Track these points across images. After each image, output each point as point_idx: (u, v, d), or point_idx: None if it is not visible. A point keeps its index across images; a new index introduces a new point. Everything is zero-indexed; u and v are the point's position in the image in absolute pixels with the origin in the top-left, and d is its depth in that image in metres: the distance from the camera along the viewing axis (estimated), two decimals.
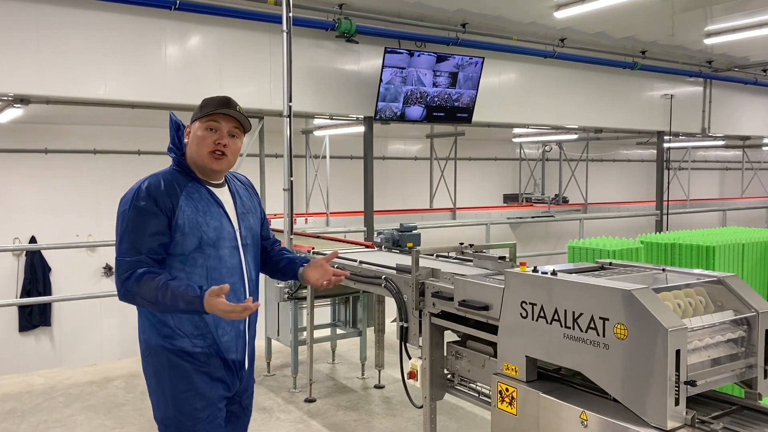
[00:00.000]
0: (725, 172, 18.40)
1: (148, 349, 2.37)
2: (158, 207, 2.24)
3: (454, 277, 3.26)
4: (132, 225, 2.24)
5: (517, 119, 9.31)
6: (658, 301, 2.40)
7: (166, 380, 2.32)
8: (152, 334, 2.34)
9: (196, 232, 2.29)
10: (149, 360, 2.37)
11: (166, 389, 2.33)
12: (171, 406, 2.32)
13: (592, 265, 3.17)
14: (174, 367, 2.31)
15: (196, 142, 2.33)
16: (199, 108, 2.38)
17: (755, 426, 2.39)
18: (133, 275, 2.19)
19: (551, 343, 2.66)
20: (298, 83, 6.75)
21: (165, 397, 2.33)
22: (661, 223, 10.76)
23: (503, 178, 14.37)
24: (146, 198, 2.25)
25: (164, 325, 2.31)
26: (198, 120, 2.35)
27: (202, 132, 2.33)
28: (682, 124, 10.82)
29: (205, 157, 2.33)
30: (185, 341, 2.31)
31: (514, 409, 2.83)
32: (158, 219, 2.24)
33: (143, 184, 2.31)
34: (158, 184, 2.30)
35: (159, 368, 2.33)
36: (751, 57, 10.73)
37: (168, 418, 2.34)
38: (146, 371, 2.41)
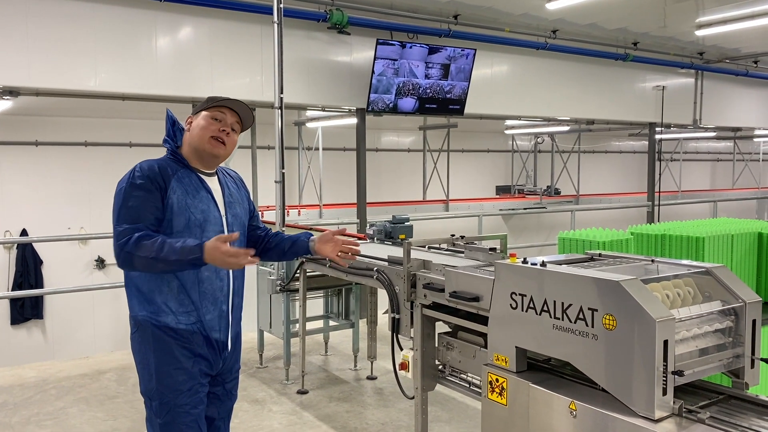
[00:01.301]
0: (716, 163, 18.49)
1: (136, 325, 2.47)
2: (153, 185, 2.38)
3: (445, 269, 3.28)
4: (129, 199, 2.36)
5: (509, 111, 9.32)
6: (646, 292, 2.42)
7: (150, 354, 2.43)
8: (139, 310, 2.45)
9: (185, 213, 2.41)
10: (136, 335, 2.48)
11: (150, 363, 2.43)
12: (154, 379, 2.43)
13: (581, 256, 3.19)
14: (158, 341, 2.41)
15: (200, 127, 2.48)
16: (205, 101, 2.55)
17: (742, 415, 2.41)
18: (131, 238, 2.30)
19: (541, 334, 2.68)
20: (289, 75, 6.73)
21: (149, 370, 2.44)
22: (653, 214, 10.82)
23: (496, 170, 14.40)
24: (141, 176, 2.39)
25: (150, 302, 2.42)
26: (205, 110, 2.51)
27: (206, 121, 2.49)
28: (673, 116, 10.86)
29: (206, 142, 2.47)
30: (170, 317, 2.42)
31: (504, 399, 2.85)
32: (153, 195, 2.37)
33: (136, 166, 2.46)
34: (152, 165, 2.44)
35: (144, 342, 2.44)
36: (743, 48, 10.77)
37: (151, 390, 2.45)
38: (133, 347, 2.51)
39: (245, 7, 6.72)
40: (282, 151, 4.92)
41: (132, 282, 2.48)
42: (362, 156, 7.82)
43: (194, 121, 2.52)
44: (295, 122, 10.52)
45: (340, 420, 4.35)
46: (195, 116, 2.53)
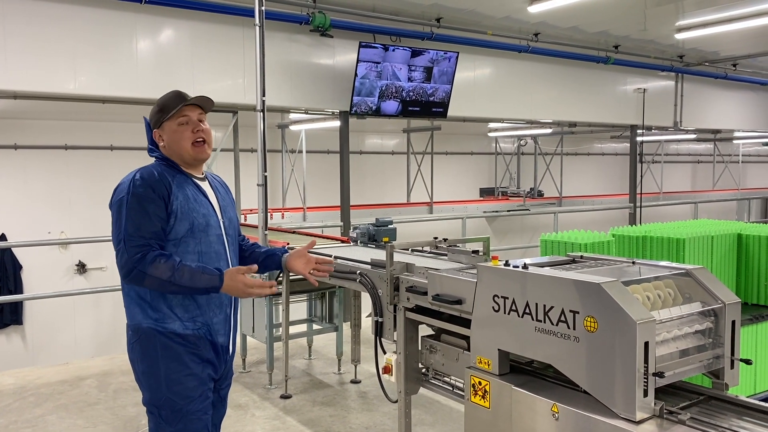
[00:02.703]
0: (697, 165, 18.70)
1: (138, 334, 2.40)
2: (155, 193, 2.34)
3: (428, 272, 3.27)
4: (134, 211, 2.31)
5: (492, 114, 9.36)
6: (627, 294, 2.43)
7: (158, 363, 2.38)
8: (143, 319, 2.39)
9: (188, 217, 2.39)
10: (139, 344, 2.41)
11: (158, 372, 2.38)
12: (164, 388, 2.38)
13: (563, 259, 3.20)
14: (166, 349, 2.37)
15: (176, 139, 2.44)
16: (159, 111, 2.46)
17: (722, 415, 2.43)
18: (147, 256, 2.27)
19: (523, 337, 2.68)
20: (272, 77, 6.70)
21: (157, 379, 2.38)
22: (635, 216, 10.92)
23: (479, 172, 14.44)
24: (143, 185, 2.34)
25: (156, 310, 2.37)
26: (166, 121, 2.45)
27: (176, 128, 2.44)
28: (654, 118, 10.97)
29: (190, 149, 2.45)
30: (176, 323, 2.39)
31: (487, 402, 2.84)
32: (156, 204, 2.33)
33: (136, 174, 2.39)
34: (151, 173, 2.39)
35: (150, 352, 2.38)
36: (721, 52, 10.91)
37: (160, 400, 2.39)
38: (134, 356, 2.44)
39: (227, 9, 6.68)
40: (265, 153, 4.89)
41: (133, 290, 2.42)
42: (346, 159, 7.80)
43: (162, 134, 2.47)
44: (279, 125, 10.48)
45: (323, 424, 4.33)
46: (160, 130, 2.47)
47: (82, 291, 7.78)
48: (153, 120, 2.49)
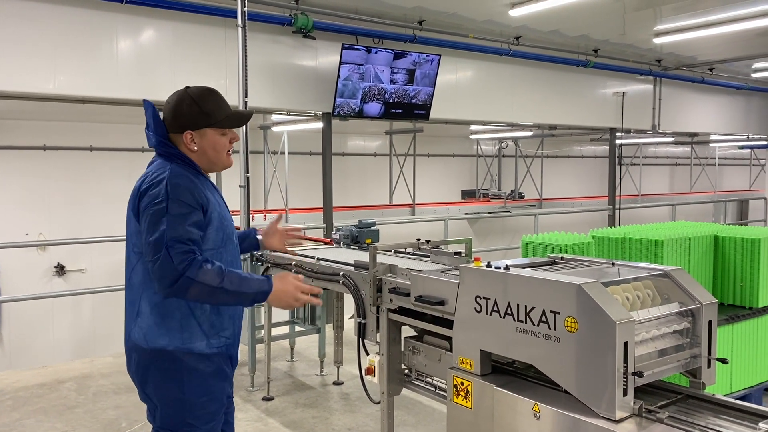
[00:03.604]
0: (675, 167, 18.97)
1: (158, 358, 2.25)
2: (195, 201, 2.23)
3: (411, 273, 3.29)
4: (176, 217, 2.17)
5: (473, 116, 9.42)
6: (606, 295, 2.47)
7: (181, 388, 2.26)
8: (167, 341, 2.24)
9: (222, 226, 2.33)
10: (158, 369, 2.26)
11: (180, 397, 2.26)
12: (185, 413, 2.28)
13: (544, 260, 3.24)
14: (190, 374, 2.26)
15: (216, 148, 2.37)
16: (203, 114, 2.33)
17: (699, 414, 2.48)
18: (193, 263, 2.12)
19: (504, 337, 2.70)
20: (254, 79, 6.68)
21: (178, 404, 2.27)
22: (614, 218, 11.04)
23: (461, 174, 14.51)
24: (184, 192, 2.21)
25: (184, 329, 2.24)
26: (211, 127, 2.35)
27: (219, 138, 2.36)
28: (633, 121, 11.10)
29: (224, 159, 2.42)
30: (203, 343, 2.28)
31: (469, 402, 2.87)
32: (196, 213, 2.23)
33: (169, 178, 2.23)
34: (187, 178, 2.27)
35: (172, 376, 2.26)
36: (698, 56, 11.08)
37: (178, 423, 2.29)
38: (147, 376, 2.29)
39: (209, 10, 6.65)
40: (247, 155, 4.88)
41: (155, 310, 2.24)
42: (328, 160, 7.80)
43: (197, 138, 2.34)
44: (261, 126, 10.44)
45: (306, 426, 4.32)
46: (196, 132, 2.33)
47: (61, 293, 7.69)
48: (189, 120, 2.33)
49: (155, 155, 2.39)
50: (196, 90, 2.36)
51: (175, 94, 2.38)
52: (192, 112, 2.32)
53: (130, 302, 2.30)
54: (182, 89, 2.38)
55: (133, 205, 2.26)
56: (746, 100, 13.43)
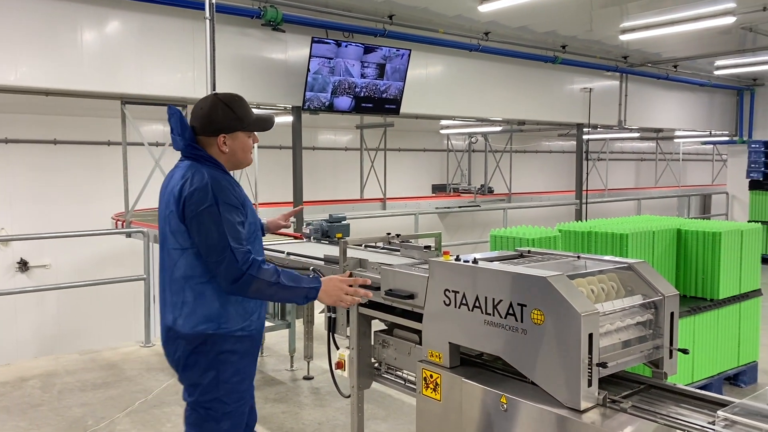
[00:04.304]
0: (640, 163, 19.33)
1: (200, 338, 2.41)
2: (238, 201, 2.42)
3: (381, 267, 3.30)
4: (228, 220, 2.34)
5: (443, 111, 9.46)
6: (572, 287, 2.51)
7: (216, 367, 2.43)
8: (207, 325, 2.41)
9: (253, 220, 2.51)
10: (196, 352, 2.42)
11: (215, 375, 2.43)
12: (219, 392, 2.44)
13: (511, 253, 3.28)
14: (227, 355, 2.44)
15: (244, 149, 2.55)
16: (237, 119, 2.49)
17: (661, 403, 2.54)
18: (254, 263, 2.33)
19: (473, 330, 2.73)
20: (223, 71, 6.61)
21: (214, 381, 2.43)
22: (581, 212, 11.21)
23: (432, 169, 14.58)
24: (228, 194, 2.39)
25: (220, 315, 2.42)
26: (242, 131, 2.52)
27: (246, 140, 2.54)
28: (600, 117, 11.28)
29: (249, 158, 2.60)
30: (239, 326, 2.46)
31: (438, 395, 2.89)
32: (241, 212, 2.41)
33: (212, 182, 2.37)
34: (226, 179, 2.43)
35: (212, 356, 2.42)
36: (663, 53, 11.29)
37: (212, 401, 2.45)
38: (187, 362, 2.44)
39: (176, 1, 6.54)
40: None
41: (198, 300, 2.40)
42: (298, 154, 7.77)
43: (229, 140, 2.49)
44: None
45: (275, 421, 4.31)
46: (230, 136, 2.48)
47: (24, 289, 7.52)
48: (224, 124, 2.47)
49: (181, 158, 2.51)
50: (226, 96, 2.53)
51: (206, 100, 2.52)
52: (227, 117, 2.47)
53: (175, 294, 2.44)
54: (211, 95, 2.54)
55: (177, 209, 2.39)
56: (709, 97, 13.75)
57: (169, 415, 4.42)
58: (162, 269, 2.51)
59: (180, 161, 2.51)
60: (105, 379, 5.17)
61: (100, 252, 9.17)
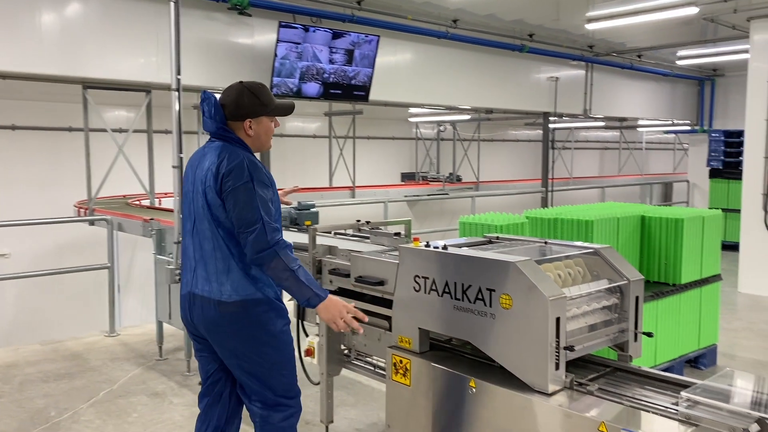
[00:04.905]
0: (604, 151, 19.63)
1: (246, 303, 2.61)
2: (269, 180, 2.65)
3: (351, 254, 3.29)
4: (261, 197, 2.55)
5: (412, 99, 9.45)
6: (540, 272, 2.54)
7: (264, 325, 2.65)
8: (251, 289, 2.62)
9: (279, 203, 2.74)
10: (246, 312, 2.62)
11: (266, 331, 2.66)
12: (275, 344, 2.70)
13: (480, 240, 3.30)
14: (270, 313, 2.66)
15: (267, 133, 2.76)
16: (262, 105, 2.70)
17: (626, 386, 2.59)
18: (281, 242, 2.55)
19: (442, 315, 2.75)
20: (188, 56, 6.46)
21: (267, 337, 2.66)
22: (547, 200, 11.35)
23: (401, 157, 14.58)
24: (261, 173, 2.60)
25: (258, 280, 2.64)
26: (266, 116, 2.73)
27: (269, 124, 2.77)
28: (566, 106, 11.40)
29: (269, 142, 2.81)
30: (273, 291, 2.69)
31: (408, 380, 2.91)
32: (271, 191, 2.64)
33: (248, 161, 2.58)
34: (257, 160, 2.65)
35: (258, 317, 2.64)
36: (627, 43, 11.46)
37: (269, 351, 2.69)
38: (237, 325, 2.62)
39: None
40: (180, 134, 4.73)
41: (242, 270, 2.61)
42: None
43: (254, 125, 2.70)
44: (195, 106, 10.15)
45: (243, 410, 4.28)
46: (255, 120, 2.70)
47: None
48: (249, 110, 2.67)
49: (212, 139, 2.72)
50: (251, 84, 2.72)
51: (233, 88, 2.71)
52: (252, 103, 2.68)
53: (223, 264, 2.61)
54: (237, 83, 2.71)
55: (215, 184, 2.56)
56: (671, 87, 14.01)
57: (135, 405, 4.36)
58: (195, 243, 2.68)
59: (210, 142, 2.71)
60: (68, 370, 5.06)
61: (62, 241, 8.96)
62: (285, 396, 2.80)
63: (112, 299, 6.16)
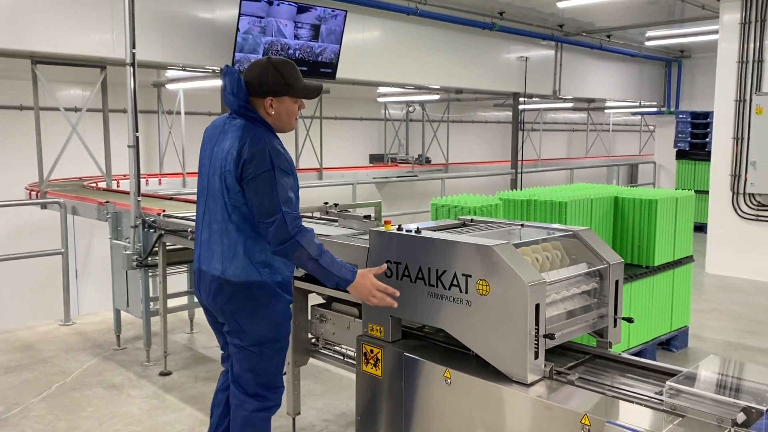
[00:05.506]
0: (572, 133, 19.69)
1: (250, 285, 2.58)
2: (290, 167, 2.55)
3: (319, 238, 3.12)
4: (282, 185, 2.48)
5: (381, 77, 9.21)
6: (518, 256, 2.40)
7: (267, 309, 2.62)
8: (258, 274, 2.59)
9: (298, 185, 2.62)
10: (249, 293, 2.59)
11: (268, 316, 2.63)
12: (274, 329, 2.66)
13: (454, 222, 3.15)
14: (276, 297, 2.63)
15: (289, 114, 2.65)
16: (286, 85, 2.58)
17: (606, 373, 2.48)
18: (302, 231, 2.49)
19: (415, 302, 2.60)
20: (144, 30, 6.16)
21: (267, 322, 2.64)
22: (516, 182, 11.29)
23: (369, 138, 14.36)
24: (282, 160, 2.51)
25: (266, 265, 2.60)
26: (289, 96, 2.62)
27: (292, 106, 2.65)
28: (535, 86, 11.31)
29: (293, 123, 2.70)
30: (282, 275, 2.65)
31: (378, 370, 2.76)
32: (292, 178, 2.55)
33: (270, 146, 2.50)
34: (279, 144, 2.57)
35: (262, 299, 2.61)
36: (597, 22, 11.38)
37: (266, 338, 2.66)
38: (238, 305, 2.61)
39: None
40: (135, 112, 4.46)
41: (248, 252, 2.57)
42: None
43: (276, 104, 2.59)
44: (154, 83, 9.77)
45: (206, 401, 4.07)
46: (277, 99, 2.59)
47: None
48: (272, 88, 2.57)
49: (233, 115, 2.63)
50: (278, 61, 2.63)
51: (258, 63, 2.63)
52: (276, 81, 2.58)
53: (225, 246, 2.59)
54: (264, 59, 2.63)
55: (236, 170, 2.50)
56: (639, 68, 14.04)
57: (89, 398, 4.12)
58: (205, 220, 2.66)
59: (231, 118, 2.63)
60: (19, 362, 4.79)
61: (16, 225, 8.56)
62: (265, 386, 2.73)
63: (67, 286, 5.86)
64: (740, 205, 7.60)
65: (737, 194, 7.61)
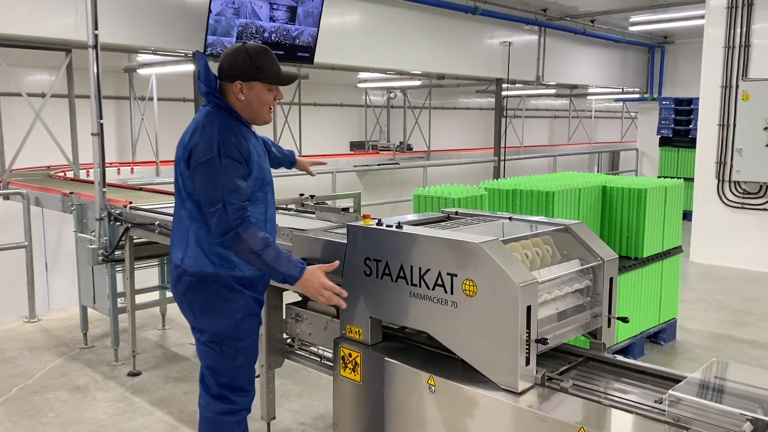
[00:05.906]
0: (554, 120, 19.60)
1: (203, 277, 2.47)
2: (242, 155, 2.41)
3: (293, 233, 2.94)
4: (227, 173, 2.36)
5: (360, 62, 8.96)
6: (507, 254, 2.22)
7: (223, 303, 2.50)
8: (211, 266, 2.47)
9: (260, 174, 2.50)
10: (203, 285, 2.49)
11: (224, 311, 2.50)
12: (231, 326, 2.52)
13: (438, 216, 2.97)
14: (234, 291, 2.50)
15: (261, 102, 2.51)
16: (257, 69, 2.45)
17: (601, 378, 2.32)
18: (245, 221, 2.36)
19: (397, 303, 2.42)
20: (110, 12, 5.86)
21: (223, 317, 2.51)
22: (499, 170, 11.13)
23: (349, 125, 14.12)
24: (231, 148, 2.38)
25: (224, 258, 2.47)
26: (259, 81, 2.48)
27: (265, 93, 2.51)
28: (519, 72, 11.11)
29: (265, 114, 2.55)
30: (242, 270, 2.50)
31: (357, 375, 2.57)
32: (243, 167, 2.41)
33: (219, 133, 2.39)
34: (231, 132, 2.42)
35: (217, 293, 2.49)
36: (580, 7, 11.20)
37: (223, 335, 2.52)
38: (194, 297, 2.51)
39: None
40: (99, 97, 4.19)
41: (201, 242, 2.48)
42: None
43: (245, 90, 2.47)
44: (125, 68, 9.43)
45: (176, 404, 3.87)
46: (246, 84, 2.46)
47: None
48: (241, 71, 2.45)
49: (204, 103, 2.53)
50: (252, 46, 2.53)
51: (232, 47, 2.54)
52: (245, 64, 2.46)
53: (181, 234, 2.52)
54: (240, 43, 2.54)
55: (183, 155, 2.43)
56: (623, 54, 13.91)
57: (51, 402, 3.88)
58: (175, 208, 2.59)
59: (203, 106, 2.54)
60: None
61: None
62: (229, 387, 2.59)
63: (32, 281, 5.59)
64: (725, 193, 7.51)
65: (723, 182, 7.51)
